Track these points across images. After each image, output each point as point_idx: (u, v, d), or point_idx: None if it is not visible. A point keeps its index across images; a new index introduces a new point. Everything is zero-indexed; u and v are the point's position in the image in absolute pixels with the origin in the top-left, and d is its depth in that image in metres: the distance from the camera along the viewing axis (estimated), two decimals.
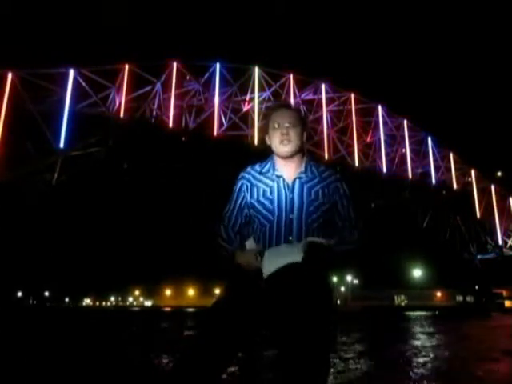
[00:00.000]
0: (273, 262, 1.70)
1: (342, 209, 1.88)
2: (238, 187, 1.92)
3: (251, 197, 1.87)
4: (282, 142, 1.85)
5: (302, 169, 1.89)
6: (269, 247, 1.78)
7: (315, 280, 1.71)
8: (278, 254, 1.72)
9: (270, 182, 1.87)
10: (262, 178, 1.89)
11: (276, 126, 1.87)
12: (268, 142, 1.93)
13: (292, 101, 43.82)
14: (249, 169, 1.94)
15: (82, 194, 46.64)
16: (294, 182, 1.85)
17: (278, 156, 1.90)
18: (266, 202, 1.83)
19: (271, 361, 1.71)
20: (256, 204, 1.85)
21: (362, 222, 1.91)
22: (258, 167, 1.93)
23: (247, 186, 1.89)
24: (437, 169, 54.03)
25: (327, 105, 47.21)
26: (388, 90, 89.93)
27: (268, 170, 1.90)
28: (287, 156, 1.87)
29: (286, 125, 1.86)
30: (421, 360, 5.61)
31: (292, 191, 1.83)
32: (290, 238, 1.77)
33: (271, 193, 1.84)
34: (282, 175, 1.87)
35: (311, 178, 1.87)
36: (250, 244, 1.86)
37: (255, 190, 1.87)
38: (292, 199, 1.82)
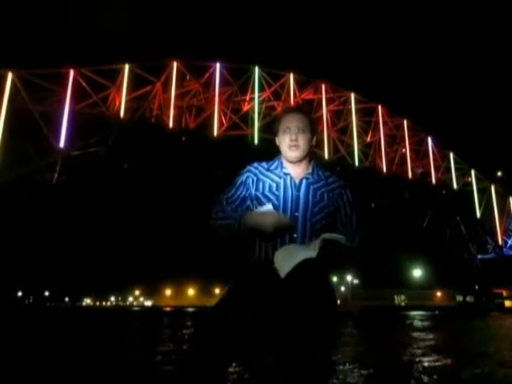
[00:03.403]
0: (289, 260, 1.66)
1: (345, 215, 1.88)
2: (243, 178, 1.90)
3: (256, 190, 1.86)
4: (290, 147, 1.86)
5: (309, 170, 1.90)
6: (273, 244, 1.76)
7: (319, 281, 1.71)
8: (293, 251, 1.69)
9: (276, 178, 1.87)
10: (269, 174, 1.89)
11: (286, 130, 1.88)
12: (277, 143, 1.93)
13: (292, 101, 43.86)
14: (256, 164, 1.93)
15: (82, 193, 46.64)
16: (300, 181, 1.86)
17: (286, 159, 1.91)
18: (272, 197, 1.83)
19: (272, 362, 1.70)
20: (261, 197, 1.84)
21: (363, 229, 1.91)
22: (265, 164, 1.93)
23: (253, 179, 1.88)
24: (437, 169, 54.04)
25: (327, 105, 47.23)
26: (388, 89, 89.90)
27: (276, 168, 1.90)
28: (295, 161, 1.88)
29: (296, 130, 1.87)
30: None
31: (298, 190, 1.84)
32: (295, 235, 1.76)
33: (277, 189, 1.84)
34: (289, 173, 1.88)
35: (317, 180, 1.88)
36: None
37: (261, 184, 1.87)
38: (298, 197, 1.82)
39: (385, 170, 49.32)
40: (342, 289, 61.09)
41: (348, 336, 10.02)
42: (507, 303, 52.88)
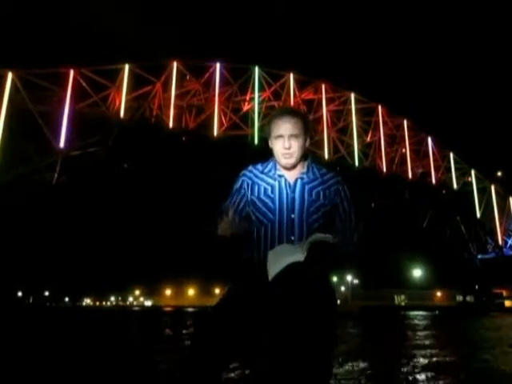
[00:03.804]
0: (277, 263, 1.67)
1: (343, 212, 1.87)
2: (238, 184, 1.90)
3: (252, 193, 1.86)
4: (284, 155, 1.83)
5: (304, 169, 1.88)
6: (271, 246, 1.75)
7: (318, 282, 1.71)
8: (282, 254, 1.69)
9: (271, 181, 1.86)
10: (263, 176, 1.88)
11: (279, 135, 1.84)
12: (270, 146, 1.91)
13: (292, 101, 43.87)
14: (250, 167, 1.93)
15: (82, 193, 46.64)
16: (295, 181, 1.85)
17: (280, 165, 1.89)
18: (268, 200, 1.82)
19: (272, 363, 1.70)
20: (257, 201, 1.84)
21: (362, 225, 1.90)
22: (259, 166, 1.92)
23: (248, 183, 1.88)
24: (437, 169, 54.06)
25: (327, 105, 47.24)
26: (388, 89, 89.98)
27: (270, 170, 1.89)
28: (289, 168, 1.87)
29: (288, 137, 1.82)
30: None
31: (293, 191, 1.82)
32: (292, 237, 1.76)
33: (272, 191, 1.83)
34: (283, 174, 1.86)
35: (313, 179, 1.86)
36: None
37: (256, 187, 1.86)
38: (293, 198, 1.81)
39: (385, 170, 49.33)
40: (342, 289, 61.09)
41: (348, 335, 10.02)
42: (507, 303, 52.90)
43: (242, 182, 1.90)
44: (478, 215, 56.49)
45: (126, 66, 39.24)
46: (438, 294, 63.55)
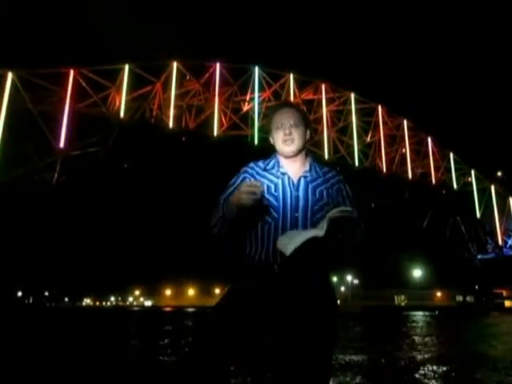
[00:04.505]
0: (295, 238, 1.60)
1: None
2: (239, 179, 1.87)
3: None
4: (285, 142, 1.84)
5: (307, 168, 1.87)
6: (273, 245, 1.71)
7: (319, 281, 1.71)
8: (298, 232, 1.65)
9: (274, 179, 1.84)
10: (265, 174, 1.86)
11: (279, 126, 1.86)
12: (272, 142, 1.92)
13: (292, 101, 43.81)
14: (252, 164, 1.91)
15: (82, 193, 46.62)
16: (299, 180, 1.83)
17: (282, 155, 1.88)
18: (271, 199, 1.79)
19: (273, 363, 1.70)
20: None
21: (364, 224, 1.89)
22: (261, 164, 1.90)
23: (250, 180, 1.84)
24: (437, 169, 54.06)
25: (327, 105, 47.22)
26: (388, 89, 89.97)
27: (272, 167, 1.88)
28: (291, 156, 1.86)
29: (289, 125, 1.85)
30: None
31: (297, 189, 1.81)
32: None
33: (276, 189, 1.81)
34: (286, 172, 1.85)
35: (315, 178, 1.85)
36: None
37: None
38: (297, 197, 1.79)
39: (385, 170, 49.31)
40: (342, 289, 61.07)
41: (348, 334, 10.02)
42: (507, 303, 52.90)
43: (243, 177, 1.87)
44: (478, 215, 56.47)
45: (126, 66, 39.20)
46: (438, 294, 63.51)
